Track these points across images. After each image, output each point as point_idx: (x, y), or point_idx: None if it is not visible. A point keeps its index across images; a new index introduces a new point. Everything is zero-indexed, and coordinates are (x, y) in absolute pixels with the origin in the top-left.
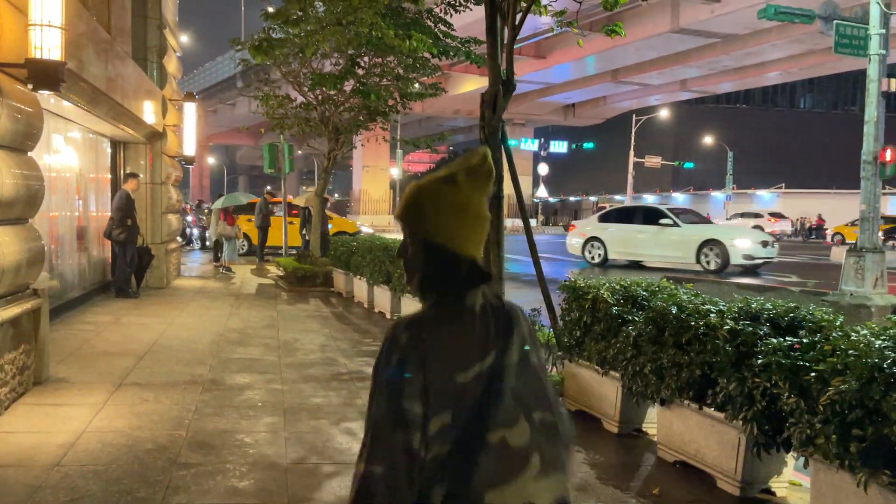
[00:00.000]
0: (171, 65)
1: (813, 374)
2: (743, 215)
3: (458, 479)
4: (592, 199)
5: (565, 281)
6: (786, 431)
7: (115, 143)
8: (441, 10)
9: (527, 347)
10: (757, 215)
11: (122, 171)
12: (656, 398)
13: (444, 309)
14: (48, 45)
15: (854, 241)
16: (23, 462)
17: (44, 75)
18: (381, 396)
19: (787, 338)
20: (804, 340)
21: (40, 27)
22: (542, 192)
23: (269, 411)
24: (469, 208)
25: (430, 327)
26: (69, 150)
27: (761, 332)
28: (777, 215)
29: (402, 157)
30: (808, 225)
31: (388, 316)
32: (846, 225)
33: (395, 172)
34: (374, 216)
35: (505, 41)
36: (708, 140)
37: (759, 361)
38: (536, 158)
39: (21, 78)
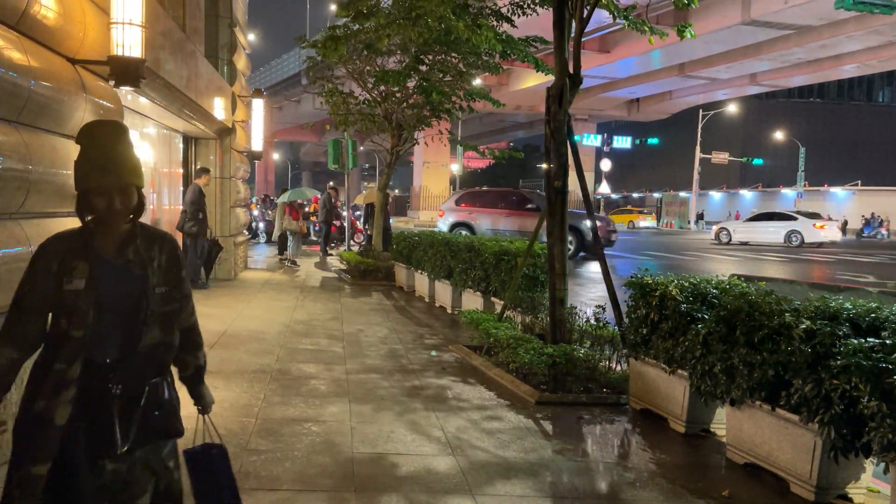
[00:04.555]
0: (241, 62)
1: None
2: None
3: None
4: (656, 195)
5: (632, 277)
6: (865, 436)
7: (187, 139)
8: (508, 11)
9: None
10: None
11: (193, 166)
12: (726, 398)
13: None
14: (129, 42)
15: None
16: None
17: (125, 72)
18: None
19: (868, 339)
20: (887, 342)
21: (122, 25)
22: (604, 188)
23: (335, 400)
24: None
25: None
26: (144, 145)
27: (840, 333)
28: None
29: (462, 153)
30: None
31: (449, 310)
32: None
33: (456, 168)
34: (435, 212)
35: (572, 34)
36: (778, 135)
37: (838, 363)
38: (599, 154)
39: (103, 75)
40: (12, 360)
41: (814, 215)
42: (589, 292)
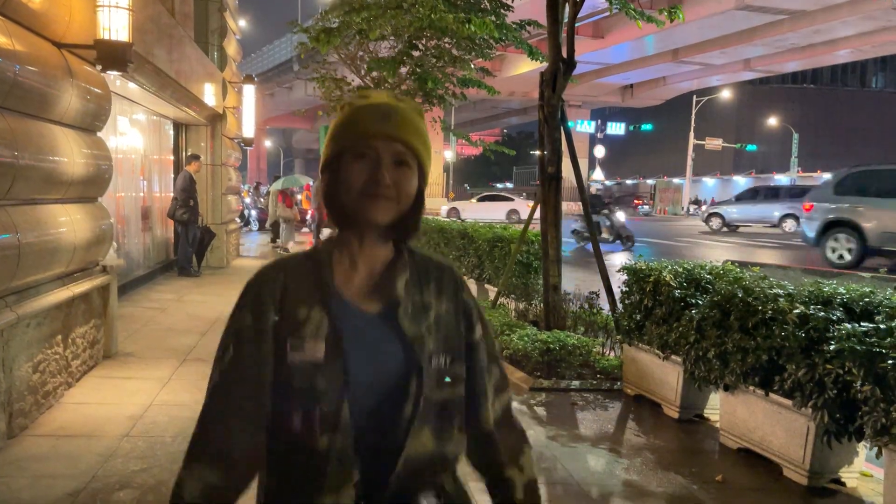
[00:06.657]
0: (231, 48)
1: (890, 360)
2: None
3: None
4: (650, 182)
5: (625, 263)
6: (858, 420)
7: (178, 125)
8: None
9: None
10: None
11: (183, 153)
12: (720, 383)
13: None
14: (116, 25)
15: None
16: (94, 432)
17: (112, 56)
18: None
19: (861, 323)
20: (880, 326)
21: (108, 8)
22: (598, 174)
23: None
24: None
25: None
26: (134, 131)
27: (834, 318)
28: None
29: (455, 141)
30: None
31: None
32: None
33: (449, 155)
34: (427, 199)
35: (566, 19)
36: (772, 121)
37: (832, 347)
38: (593, 141)
39: (90, 59)
40: (210, 488)
41: (528, 196)
42: (583, 278)
